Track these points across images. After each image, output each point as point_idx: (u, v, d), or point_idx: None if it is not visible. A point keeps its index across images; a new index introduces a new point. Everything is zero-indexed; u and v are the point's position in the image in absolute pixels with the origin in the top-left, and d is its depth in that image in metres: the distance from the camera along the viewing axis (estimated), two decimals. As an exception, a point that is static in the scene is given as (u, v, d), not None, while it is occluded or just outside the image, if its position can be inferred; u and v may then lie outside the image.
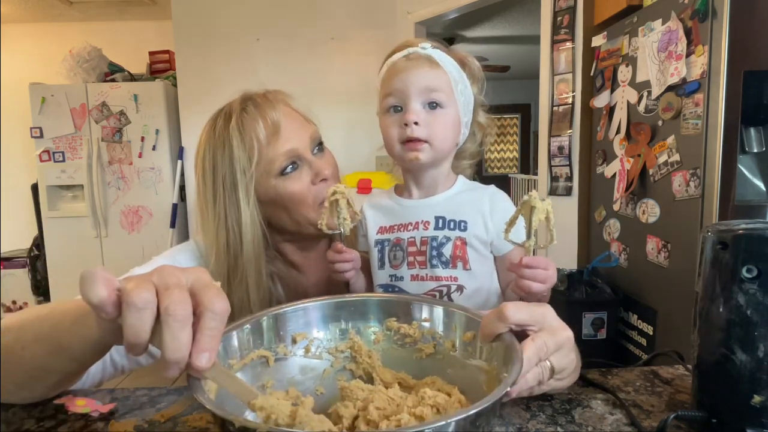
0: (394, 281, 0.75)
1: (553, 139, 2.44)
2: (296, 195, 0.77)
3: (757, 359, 0.44)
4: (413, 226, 0.75)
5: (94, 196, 3.37)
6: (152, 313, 0.37)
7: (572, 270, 2.20)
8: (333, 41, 3.26)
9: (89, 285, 0.37)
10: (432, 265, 0.72)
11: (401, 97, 0.72)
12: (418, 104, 0.71)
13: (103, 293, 0.37)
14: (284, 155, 0.76)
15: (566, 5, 2.33)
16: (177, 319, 0.37)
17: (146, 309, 0.37)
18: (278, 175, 0.76)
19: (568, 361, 0.50)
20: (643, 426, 0.49)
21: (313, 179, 0.78)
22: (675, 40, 1.64)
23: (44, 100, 3.32)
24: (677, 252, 1.68)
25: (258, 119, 0.76)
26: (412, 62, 0.72)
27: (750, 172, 1.54)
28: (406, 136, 0.71)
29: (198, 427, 0.53)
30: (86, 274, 0.37)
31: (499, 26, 4.55)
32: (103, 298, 0.37)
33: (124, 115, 3.35)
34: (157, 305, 0.38)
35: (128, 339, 0.37)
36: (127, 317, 0.37)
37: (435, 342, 0.55)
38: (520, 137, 7.54)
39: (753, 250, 0.43)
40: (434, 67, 0.72)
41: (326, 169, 0.79)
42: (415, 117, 0.70)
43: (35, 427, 0.54)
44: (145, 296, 0.37)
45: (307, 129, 0.80)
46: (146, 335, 0.37)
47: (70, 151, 3.38)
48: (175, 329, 0.37)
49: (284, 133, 0.76)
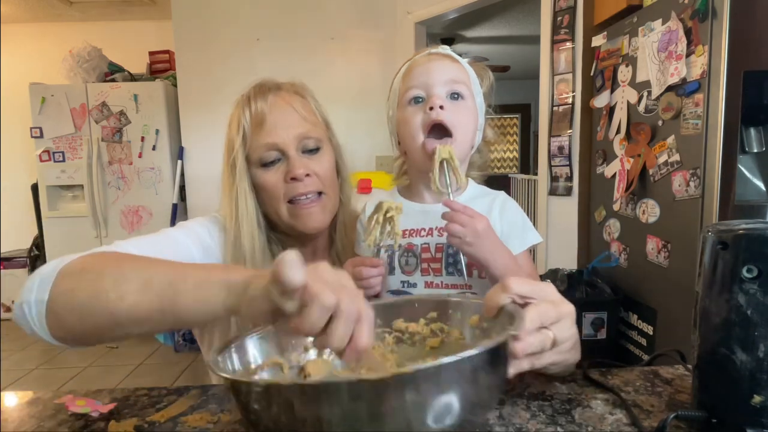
0: (407, 287, 0.74)
1: (553, 139, 2.44)
2: (268, 187, 0.80)
3: (757, 359, 0.44)
4: (427, 232, 0.74)
5: (94, 196, 3.37)
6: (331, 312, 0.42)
7: (572, 270, 2.20)
8: (333, 41, 3.26)
9: (291, 268, 0.41)
10: (448, 273, 0.71)
11: (424, 87, 0.72)
12: (442, 91, 0.72)
13: (302, 278, 0.41)
14: (264, 147, 0.79)
15: (566, 5, 2.33)
16: (351, 318, 0.42)
17: (330, 310, 0.42)
18: (259, 165, 0.80)
19: (570, 334, 0.52)
20: (644, 426, 0.49)
21: (284, 176, 0.79)
22: (675, 40, 1.63)
23: (44, 100, 3.32)
24: (677, 252, 1.68)
25: (247, 108, 0.79)
26: (434, 57, 0.74)
27: (750, 172, 1.54)
28: (431, 119, 0.70)
29: (198, 427, 0.53)
30: (288, 258, 0.41)
31: (499, 26, 4.55)
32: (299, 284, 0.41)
33: (124, 115, 3.35)
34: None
35: (304, 329, 0.42)
36: (312, 312, 0.41)
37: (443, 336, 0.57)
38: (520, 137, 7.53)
39: (753, 250, 0.43)
40: (455, 63, 0.74)
41: (301, 169, 0.78)
42: (440, 101, 0.70)
43: (35, 427, 0.54)
44: (332, 300, 0.42)
45: (298, 127, 0.80)
46: (320, 329, 0.42)
47: (70, 151, 3.38)
48: (348, 326, 0.42)
49: (269, 125, 0.78)
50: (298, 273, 0.41)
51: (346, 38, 3.27)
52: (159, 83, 3.41)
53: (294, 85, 0.85)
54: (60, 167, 3.38)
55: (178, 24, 3.31)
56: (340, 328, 0.42)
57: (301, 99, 0.83)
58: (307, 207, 0.80)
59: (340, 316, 0.42)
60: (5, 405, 0.61)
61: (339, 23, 3.25)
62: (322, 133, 0.84)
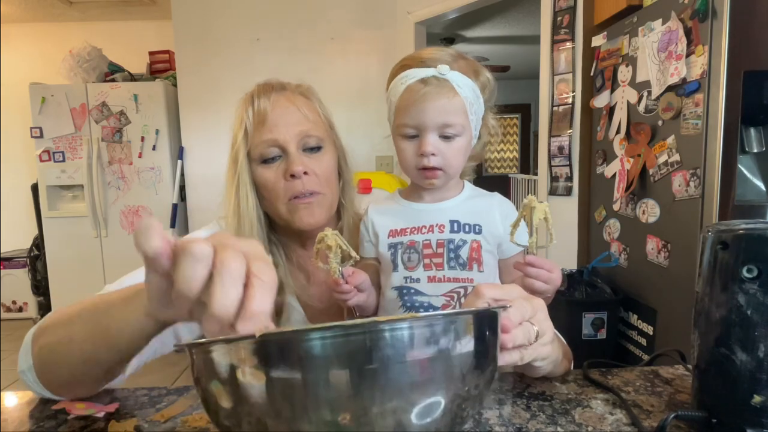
0: (410, 283, 0.75)
1: (553, 139, 2.44)
2: (268, 184, 0.80)
3: (757, 359, 0.44)
4: (428, 229, 0.76)
5: (94, 196, 3.37)
6: (207, 266, 0.37)
7: (572, 270, 2.20)
8: (333, 41, 3.26)
9: (145, 236, 0.37)
10: (450, 267, 0.74)
11: (418, 128, 0.73)
12: (434, 136, 0.73)
13: (159, 243, 0.37)
14: (265, 143, 0.79)
15: (566, 5, 2.32)
16: (231, 274, 0.36)
17: (202, 261, 0.36)
18: (259, 161, 0.81)
19: (547, 325, 0.53)
20: (644, 426, 0.49)
21: (284, 173, 0.80)
22: (675, 40, 1.63)
23: (44, 100, 3.32)
24: (677, 252, 1.68)
25: (251, 105, 0.80)
26: (430, 91, 0.71)
27: (750, 172, 1.54)
28: (422, 164, 0.74)
29: (198, 427, 0.53)
30: (142, 225, 0.37)
31: (499, 26, 4.55)
32: (159, 248, 0.37)
33: (124, 115, 3.35)
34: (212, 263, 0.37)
35: (179, 288, 0.37)
36: (181, 266, 0.36)
37: None
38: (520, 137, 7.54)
39: (753, 250, 0.43)
40: (451, 96, 0.72)
41: (300, 166, 0.78)
42: (431, 149, 0.73)
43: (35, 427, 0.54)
44: (202, 248, 0.37)
45: (300, 125, 0.80)
46: (198, 286, 0.36)
47: (70, 151, 3.38)
48: (227, 283, 0.36)
49: (270, 122, 0.79)
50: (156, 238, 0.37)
51: (346, 38, 3.27)
52: (159, 83, 3.41)
53: (300, 86, 0.86)
54: (60, 167, 3.38)
55: (178, 24, 3.31)
56: (217, 284, 0.36)
57: (305, 100, 0.84)
58: (305, 202, 0.80)
59: (220, 271, 0.36)
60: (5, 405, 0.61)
61: (339, 23, 3.25)
62: (325, 133, 0.85)
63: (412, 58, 0.75)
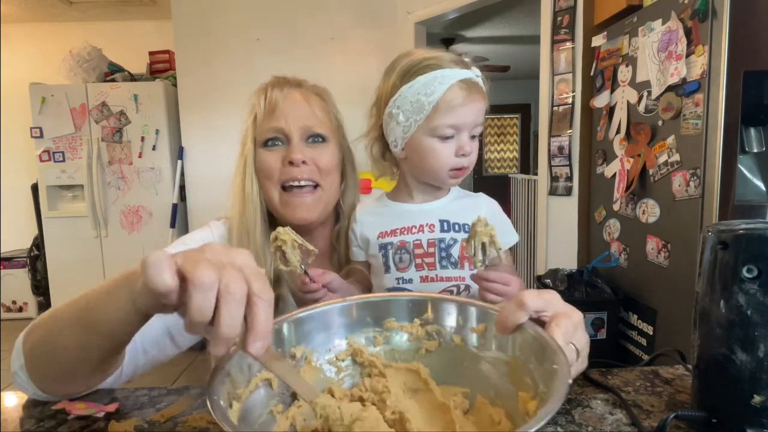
0: (403, 284, 0.75)
1: (553, 139, 2.44)
2: (265, 167, 0.82)
3: (757, 359, 0.43)
4: (417, 229, 0.77)
5: (94, 196, 3.37)
6: (215, 292, 0.38)
7: (572, 270, 2.20)
8: (333, 41, 3.26)
9: (157, 272, 0.38)
10: (442, 266, 0.74)
11: (457, 128, 0.74)
12: (469, 135, 0.76)
13: (172, 282, 0.38)
14: (270, 130, 0.82)
15: (566, 5, 2.32)
16: (235, 298, 0.38)
17: (212, 290, 0.37)
18: (262, 145, 0.83)
19: (585, 341, 0.51)
20: (644, 426, 0.49)
21: (283, 159, 0.81)
22: (675, 40, 1.63)
23: (44, 100, 3.32)
24: (677, 252, 1.68)
25: (263, 95, 0.83)
26: (471, 94, 0.74)
27: (750, 172, 1.54)
28: (460, 165, 0.76)
29: (198, 427, 0.53)
30: (154, 260, 0.38)
31: (499, 26, 4.55)
32: (172, 287, 0.38)
33: (124, 115, 3.35)
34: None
35: (193, 318, 0.37)
36: (194, 298, 0.37)
37: (441, 339, 0.54)
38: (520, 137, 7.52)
39: (753, 250, 0.43)
40: (485, 101, 0.76)
41: (299, 155, 0.80)
42: (469, 147, 0.75)
43: (35, 427, 0.54)
44: (210, 276, 0.37)
45: (307, 119, 0.83)
46: (210, 314, 0.38)
47: (70, 151, 3.38)
48: (233, 307, 0.38)
49: (279, 112, 0.82)
50: (167, 274, 0.38)
51: (346, 38, 3.27)
52: (159, 83, 3.41)
53: (316, 86, 0.89)
54: (60, 167, 3.38)
55: (178, 24, 3.31)
56: (224, 310, 0.37)
57: (318, 99, 0.86)
58: (300, 196, 0.81)
59: (225, 297, 0.37)
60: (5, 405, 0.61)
61: (339, 23, 3.25)
62: (331, 132, 0.86)
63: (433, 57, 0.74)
